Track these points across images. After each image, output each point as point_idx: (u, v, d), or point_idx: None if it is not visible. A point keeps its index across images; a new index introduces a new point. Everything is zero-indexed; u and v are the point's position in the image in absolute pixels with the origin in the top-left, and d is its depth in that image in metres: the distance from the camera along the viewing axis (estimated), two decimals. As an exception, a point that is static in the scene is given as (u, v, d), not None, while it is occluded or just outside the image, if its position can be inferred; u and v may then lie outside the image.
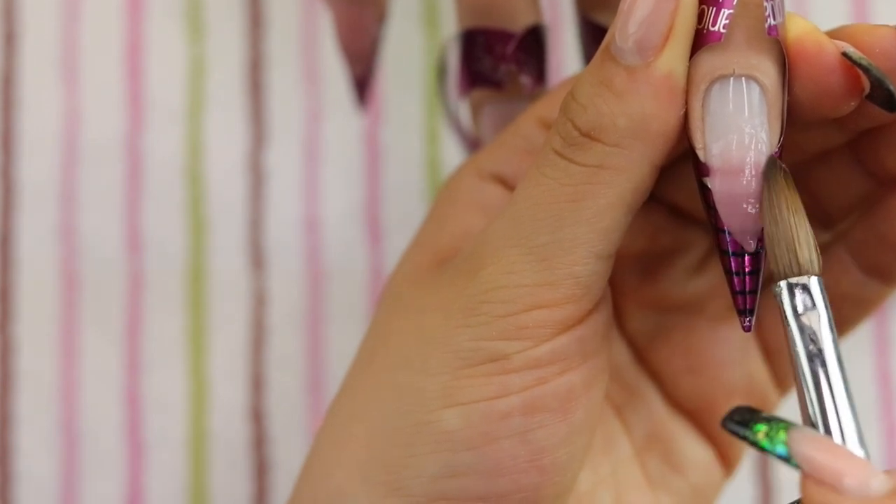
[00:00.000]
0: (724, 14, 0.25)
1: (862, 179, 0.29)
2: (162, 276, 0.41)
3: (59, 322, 0.41)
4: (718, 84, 0.25)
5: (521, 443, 0.26)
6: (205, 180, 0.42)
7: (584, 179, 0.26)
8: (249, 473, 0.41)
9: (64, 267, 0.41)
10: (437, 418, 0.26)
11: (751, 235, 0.25)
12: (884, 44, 0.26)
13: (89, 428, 0.41)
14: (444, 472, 0.26)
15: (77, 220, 0.42)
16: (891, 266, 0.29)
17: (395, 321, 0.28)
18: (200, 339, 0.41)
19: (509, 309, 0.26)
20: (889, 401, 0.41)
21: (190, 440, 0.41)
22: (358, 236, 0.42)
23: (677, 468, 0.30)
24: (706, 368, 0.30)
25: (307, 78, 0.42)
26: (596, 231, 0.26)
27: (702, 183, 0.26)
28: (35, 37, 0.43)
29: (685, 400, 0.31)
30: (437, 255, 0.29)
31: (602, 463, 0.29)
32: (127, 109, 0.42)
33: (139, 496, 0.40)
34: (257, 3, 0.43)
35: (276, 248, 0.42)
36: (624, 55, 0.25)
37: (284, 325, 0.41)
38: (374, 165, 0.42)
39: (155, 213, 0.42)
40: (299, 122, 0.42)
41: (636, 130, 0.25)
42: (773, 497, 0.41)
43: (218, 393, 0.41)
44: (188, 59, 0.42)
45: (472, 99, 0.32)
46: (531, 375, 0.26)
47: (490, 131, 0.32)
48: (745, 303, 0.26)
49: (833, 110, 0.26)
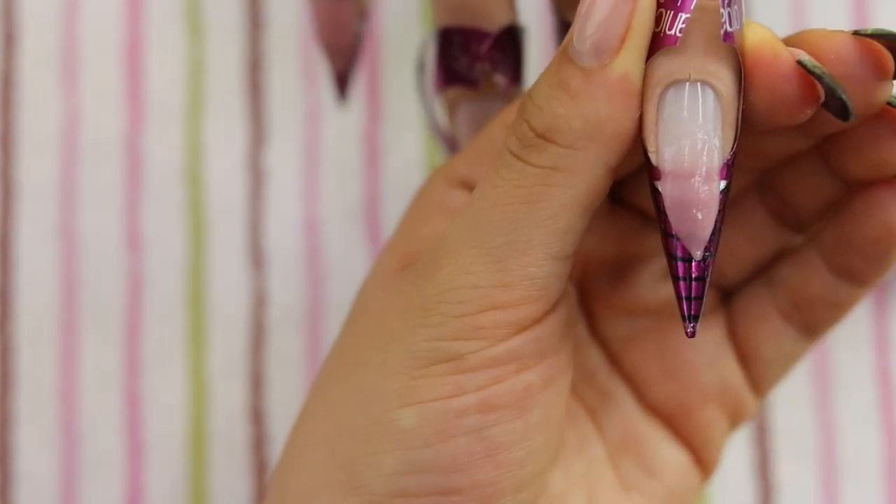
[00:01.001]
0: (681, 18, 0.25)
1: (830, 183, 0.29)
2: (161, 276, 0.41)
3: (58, 322, 0.41)
4: (673, 88, 0.25)
5: (477, 440, 0.26)
6: (204, 180, 0.42)
7: (538, 181, 0.26)
8: (249, 473, 0.41)
9: (63, 267, 0.42)
10: (395, 417, 0.27)
11: (699, 242, 0.25)
12: (839, 49, 0.26)
13: (89, 428, 0.41)
14: (402, 469, 0.27)
15: (76, 221, 0.42)
16: (860, 268, 0.29)
17: (361, 323, 0.29)
18: (200, 339, 0.41)
19: (465, 310, 0.26)
20: (889, 400, 0.41)
21: (190, 440, 0.41)
22: (357, 236, 0.42)
23: (651, 471, 0.30)
24: (679, 372, 0.31)
25: (306, 78, 0.42)
26: (551, 232, 0.26)
27: (654, 186, 0.26)
28: (35, 37, 0.43)
29: (659, 403, 0.31)
30: (404, 259, 0.29)
31: (575, 464, 0.30)
32: (126, 110, 0.42)
33: (139, 496, 0.41)
34: (256, 4, 0.43)
35: (275, 248, 0.42)
36: (581, 57, 0.25)
37: (284, 324, 0.41)
38: (373, 165, 0.42)
39: (154, 214, 0.42)
40: (299, 123, 0.42)
41: (590, 132, 0.25)
42: (773, 497, 0.41)
43: (218, 393, 0.41)
44: (188, 60, 0.42)
45: (447, 96, 0.32)
46: (487, 375, 0.26)
47: (465, 129, 0.32)
48: (690, 308, 0.26)
49: (789, 118, 0.26)
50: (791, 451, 0.41)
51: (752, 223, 0.31)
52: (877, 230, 0.28)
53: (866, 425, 0.41)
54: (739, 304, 0.31)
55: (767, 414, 0.41)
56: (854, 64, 0.25)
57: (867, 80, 0.26)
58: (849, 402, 0.41)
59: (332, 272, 0.42)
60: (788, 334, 0.30)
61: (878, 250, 0.29)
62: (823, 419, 0.41)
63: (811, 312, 0.30)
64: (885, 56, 0.26)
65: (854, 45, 0.26)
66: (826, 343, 0.41)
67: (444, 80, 0.32)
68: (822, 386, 0.41)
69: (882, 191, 0.28)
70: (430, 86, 0.33)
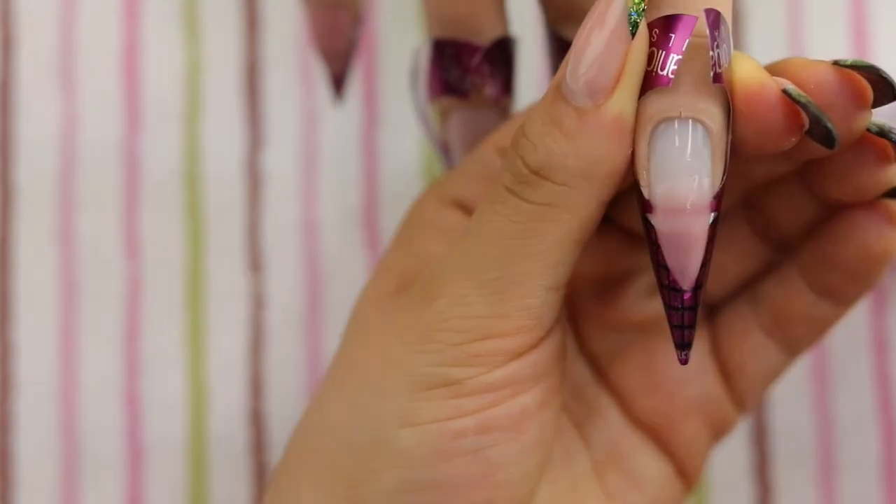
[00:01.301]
0: (672, 59, 0.25)
1: (810, 204, 0.30)
2: (160, 280, 0.41)
3: (58, 326, 0.41)
4: (664, 125, 0.26)
5: (474, 461, 0.27)
6: (202, 183, 0.42)
7: (533, 217, 0.26)
8: (249, 476, 0.41)
9: (62, 271, 0.42)
10: (394, 437, 0.27)
11: (690, 273, 0.26)
12: (820, 79, 0.26)
13: (89, 431, 0.41)
14: (400, 488, 0.27)
15: (75, 224, 0.42)
16: (841, 287, 0.30)
17: (359, 344, 0.29)
18: (199, 342, 0.41)
19: (462, 338, 0.27)
20: (887, 402, 0.41)
21: (189, 443, 0.41)
22: (355, 239, 0.42)
23: (636, 483, 0.31)
24: (664, 386, 0.31)
25: (304, 80, 0.42)
26: (546, 266, 0.26)
27: (645, 219, 0.26)
28: (32, 40, 0.43)
29: (644, 416, 0.31)
30: (399, 280, 0.30)
31: (561, 477, 0.30)
32: (124, 113, 0.42)
33: (138, 499, 0.41)
34: (253, 6, 0.43)
35: (274, 251, 0.42)
36: (574, 96, 0.26)
37: (283, 327, 0.41)
38: (371, 168, 0.42)
39: (153, 217, 0.42)
40: (296, 125, 0.42)
41: (585, 171, 0.26)
42: (771, 498, 0.41)
43: (217, 396, 0.41)
44: (185, 62, 0.42)
45: (440, 105, 0.33)
46: (484, 399, 0.27)
47: (457, 137, 0.33)
48: (683, 337, 0.27)
49: (775, 146, 0.26)
50: (789, 452, 0.41)
51: (737, 241, 0.31)
52: (857, 251, 0.29)
53: (865, 427, 0.41)
54: (723, 320, 0.32)
55: (766, 415, 0.41)
56: (834, 93, 0.26)
57: (847, 108, 0.26)
58: (847, 404, 0.41)
59: (330, 274, 0.42)
60: (770, 350, 0.31)
61: (859, 270, 0.29)
62: (822, 420, 0.41)
63: (793, 329, 0.31)
64: (864, 86, 0.26)
65: (834, 74, 0.26)
66: (825, 344, 0.41)
67: (437, 89, 0.32)
68: (821, 387, 0.41)
69: (862, 213, 0.29)
70: (423, 93, 0.33)
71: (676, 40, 0.25)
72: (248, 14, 0.43)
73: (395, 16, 0.42)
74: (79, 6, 0.43)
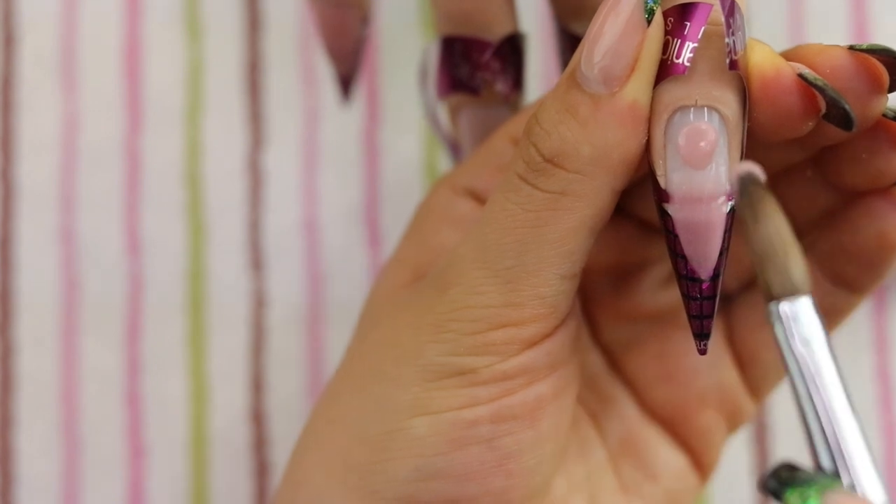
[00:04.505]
0: (688, 47, 0.25)
1: (825, 193, 0.30)
2: (162, 279, 0.41)
3: (59, 325, 0.41)
4: (680, 113, 0.26)
5: (488, 449, 0.27)
6: (204, 182, 0.42)
7: (546, 205, 0.26)
8: (250, 475, 0.41)
9: (64, 269, 0.42)
10: (408, 426, 0.27)
11: (708, 262, 0.26)
12: (834, 63, 0.26)
13: (90, 430, 0.41)
14: (415, 476, 0.27)
15: (77, 223, 0.42)
16: (856, 276, 0.30)
17: (373, 335, 0.29)
18: (200, 340, 0.41)
19: (477, 328, 0.27)
20: (889, 400, 0.41)
21: (190, 442, 0.41)
22: (357, 238, 0.42)
23: (651, 474, 0.31)
24: (678, 376, 0.31)
25: (305, 79, 0.42)
26: (560, 254, 0.26)
27: (662, 209, 0.26)
28: (34, 40, 0.43)
29: (658, 407, 0.31)
30: (412, 272, 0.30)
31: (577, 469, 0.30)
32: (125, 112, 0.42)
33: (140, 498, 0.41)
34: (255, 5, 0.43)
35: (275, 250, 0.42)
36: (589, 83, 0.26)
37: (284, 326, 0.41)
38: (372, 167, 0.42)
39: (154, 216, 0.42)
40: (298, 124, 0.42)
41: (599, 158, 0.26)
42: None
43: (218, 394, 0.41)
44: (186, 62, 0.42)
45: (450, 102, 0.33)
46: (499, 387, 0.27)
47: (467, 134, 0.32)
48: (702, 327, 0.27)
49: (792, 131, 0.26)
50: (791, 450, 0.41)
51: None
52: (872, 239, 0.29)
53: (865, 425, 0.41)
54: (738, 310, 0.31)
55: (767, 414, 0.41)
56: (850, 78, 0.26)
57: (863, 92, 0.26)
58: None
59: (331, 273, 0.42)
60: None
61: (874, 259, 0.29)
62: (822, 419, 0.41)
63: None
64: (880, 70, 0.26)
65: (850, 59, 0.26)
66: (825, 343, 0.41)
67: (447, 86, 0.32)
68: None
69: (877, 200, 0.29)
70: (434, 91, 0.33)
71: (692, 28, 0.25)
72: (249, 13, 0.43)
73: (396, 14, 0.42)
74: (80, 5, 0.43)
